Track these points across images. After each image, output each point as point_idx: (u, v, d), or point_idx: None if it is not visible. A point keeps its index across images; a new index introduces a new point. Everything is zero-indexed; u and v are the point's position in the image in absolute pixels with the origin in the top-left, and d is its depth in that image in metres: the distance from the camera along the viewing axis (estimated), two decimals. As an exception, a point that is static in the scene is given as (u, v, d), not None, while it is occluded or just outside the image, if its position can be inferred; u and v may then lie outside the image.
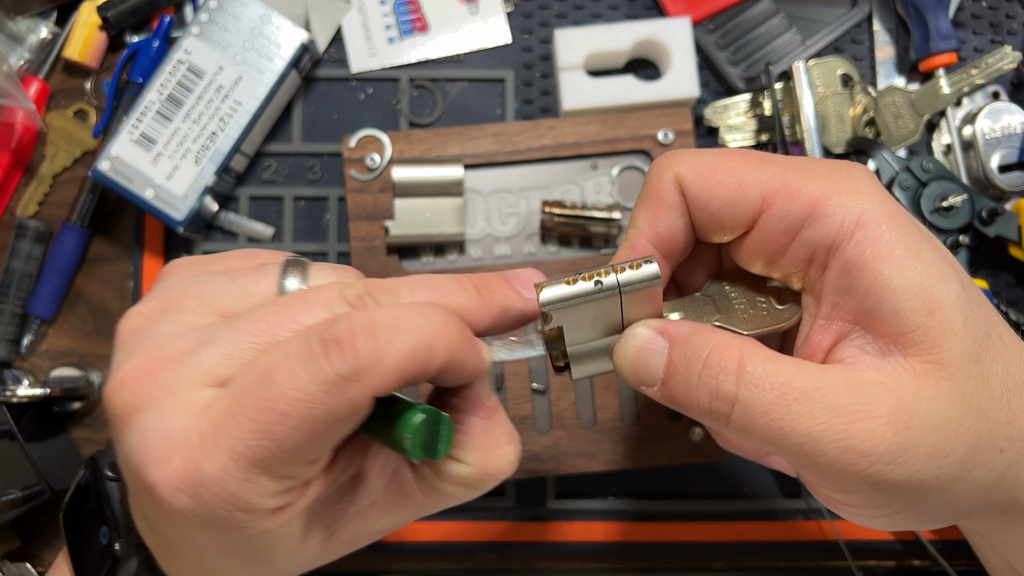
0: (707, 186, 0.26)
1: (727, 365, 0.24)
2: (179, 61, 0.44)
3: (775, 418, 0.23)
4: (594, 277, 0.25)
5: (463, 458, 0.27)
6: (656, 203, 0.27)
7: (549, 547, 0.46)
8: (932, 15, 0.47)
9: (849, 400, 0.23)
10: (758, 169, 0.26)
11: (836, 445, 0.23)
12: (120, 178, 0.44)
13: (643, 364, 0.26)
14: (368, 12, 0.49)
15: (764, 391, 0.23)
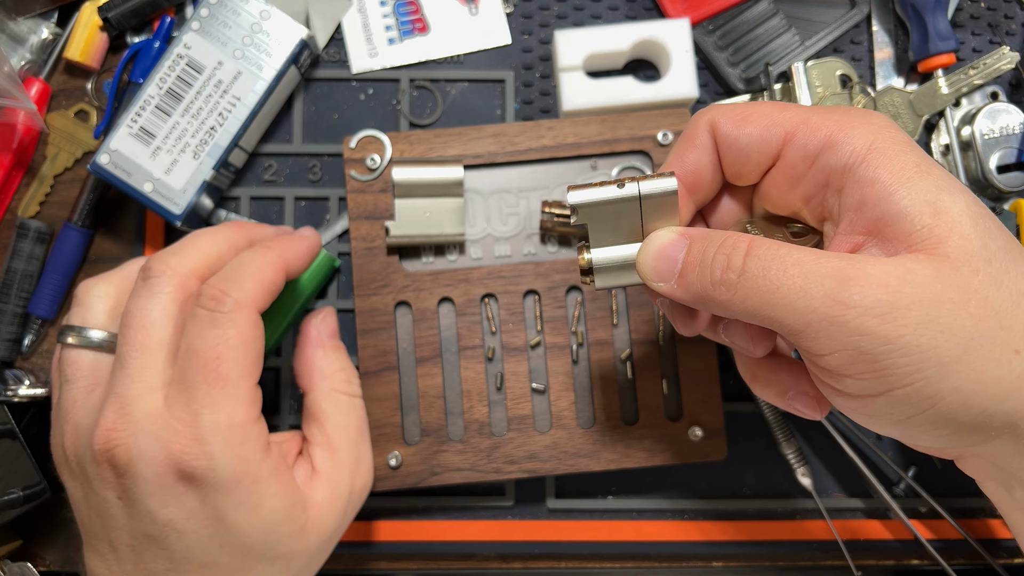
0: (738, 125, 0.30)
1: (739, 245, 0.27)
2: (178, 56, 0.44)
3: (773, 280, 0.25)
4: (618, 181, 0.29)
5: None
6: (686, 142, 0.31)
7: (549, 546, 0.46)
8: (931, 16, 0.47)
9: (843, 265, 0.25)
10: (783, 110, 0.29)
11: (825, 298, 0.24)
12: (119, 172, 0.44)
13: (664, 259, 0.29)
14: (368, 13, 0.49)
15: (767, 260, 0.26)
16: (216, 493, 0.32)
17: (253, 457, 0.33)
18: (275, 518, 0.33)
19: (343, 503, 0.37)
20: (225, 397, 0.32)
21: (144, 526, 0.32)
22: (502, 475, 0.43)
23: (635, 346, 0.44)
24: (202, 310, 0.33)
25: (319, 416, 0.38)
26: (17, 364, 0.48)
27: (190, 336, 0.33)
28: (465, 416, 0.44)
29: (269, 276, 0.35)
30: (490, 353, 0.44)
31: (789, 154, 0.29)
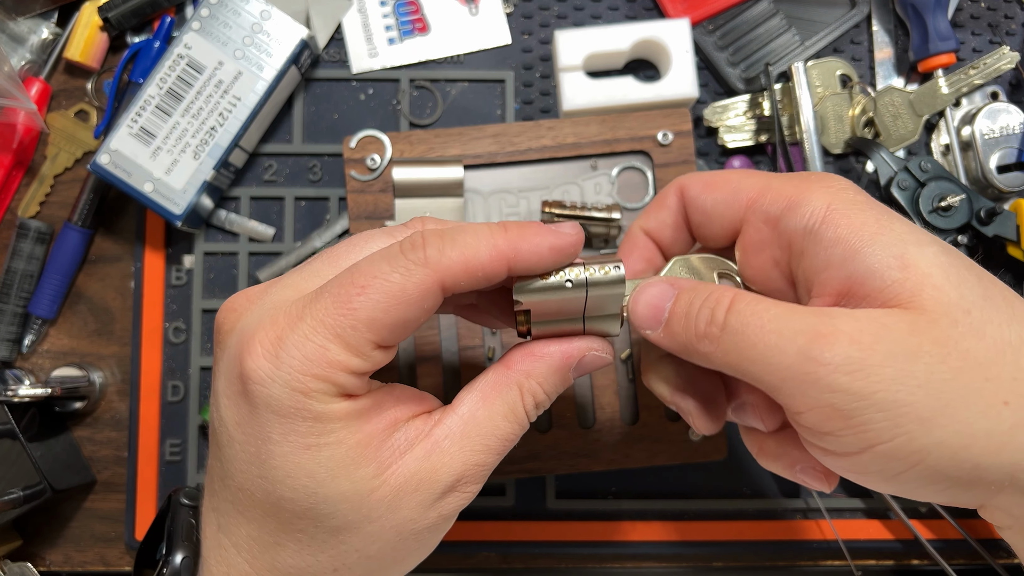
0: (704, 190, 0.32)
1: (723, 300, 0.27)
2: (179, 56, 0.44)
3: (750, 336, 0.26)
4: (566, 277, 0.28)
5: None
6: (656, 203, 0.34)
7: (549, 546, 0.46)
8: (931, 16, 0.47)
9: (816, 321, 0.25)
10: (748, 177, 0.31)
11: (798, 356, 0.25)
12: (119, 172, 0.44)
13: (652, 308, 0.30)
14: (369, 13, 0.49)
15: (746, 316, 0.26)
16: (267, 411, 0.27)
17: (322, 397, 0.26)
18: (329, 469, 0.27)
19: (433, 493, 0.28)
20: (335, 325, 0.26)
21: (214, 408, 0.29)
22: (502, 475, 0.43)
23: (635, 346, 0.44)
24: (395, 245, 0.27)
25: (485, 391, 0.29)
26: (17, 364, 0.48)
27: (360, 259, 0.28)
28: (465, 416, 0.44)
29: (482, 257, 0.27)
30: (490, 353, 0.44)
31: (752, 219, 0.30)
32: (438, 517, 0.29)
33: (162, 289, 0.47)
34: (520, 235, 0.28)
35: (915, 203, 0.45)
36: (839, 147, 0.48)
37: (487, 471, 0.29)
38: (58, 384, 0.45)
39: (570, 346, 0.30)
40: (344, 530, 0.27)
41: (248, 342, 0.27)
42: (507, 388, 0.29)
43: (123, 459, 0.47)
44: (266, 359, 0.26)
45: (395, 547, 0.28)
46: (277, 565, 0.28)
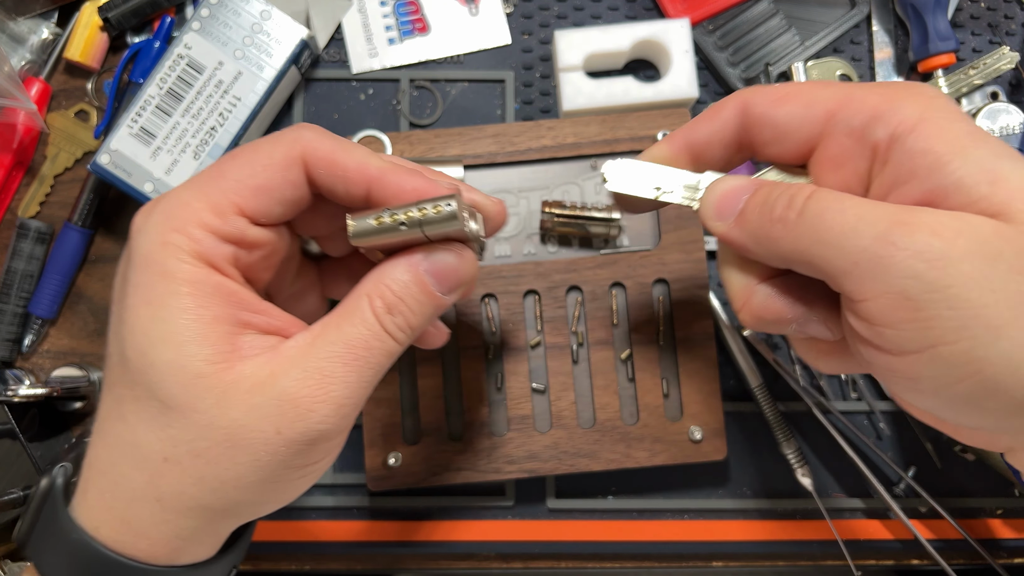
0: (776, 103, 0.29)
1: (804, 189, 0.27)
2: (179, 56, 0.44)
3: (828, 219, 0.25)
4: (399, 219, 0.27)
5: None
6: (708, 117, 0.30)
7: (549, 546, 0.46)
8: (931, 16, 0.47)
9: (900, 211, 0.25)
10: (825, 88, 0.28)
11: (875, 239, 0.24)
12: (119, 172, 0.44)
13: (728, 199, 0.29)
14: (369, 13, 0.49)
15: (827, 202, 0.26)
16: (131, 260, 0.27)
17: (177, 252, 0.26)
18: (162, 332, 0.25)
19: (266, 400, 0.26)
20: (206, 182, 0.27)
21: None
22: (502, 475, 0.43)
23: (635, 346, 0.44)
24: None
25: (334, 311, 0.28)
26: (17, 364, 0.48)
27: None
28: (465, 416, 0.44)
29: (350, 161, 0.28)
30: (490, 353, 0.44)
31: (833, 132, 0.28)
32: (276, 434, 0.26)
33: (162, 289, 0.47)
34: (394, 170, 0.28)
35: (915, 203, 0.46)
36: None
37: (334, 386, 0.26)
38: (58, 384, 0.45)
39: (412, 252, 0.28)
40: (172, 410, 0.26)
41: (143, 211, 0.28)
42: (354, 299, 0.28)
43: (123, 459, 0.48)
44: (143, 214, 0.27)
45: (227, 456, 0.26)
46: (119, 439, 0.27)
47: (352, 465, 0.46)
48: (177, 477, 0.26)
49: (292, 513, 0.46)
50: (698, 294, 0.44)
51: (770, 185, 0.28)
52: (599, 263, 0.45)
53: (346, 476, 0.46)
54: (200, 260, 0.26)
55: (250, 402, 0.26)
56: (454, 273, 0.28)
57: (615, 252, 0.45)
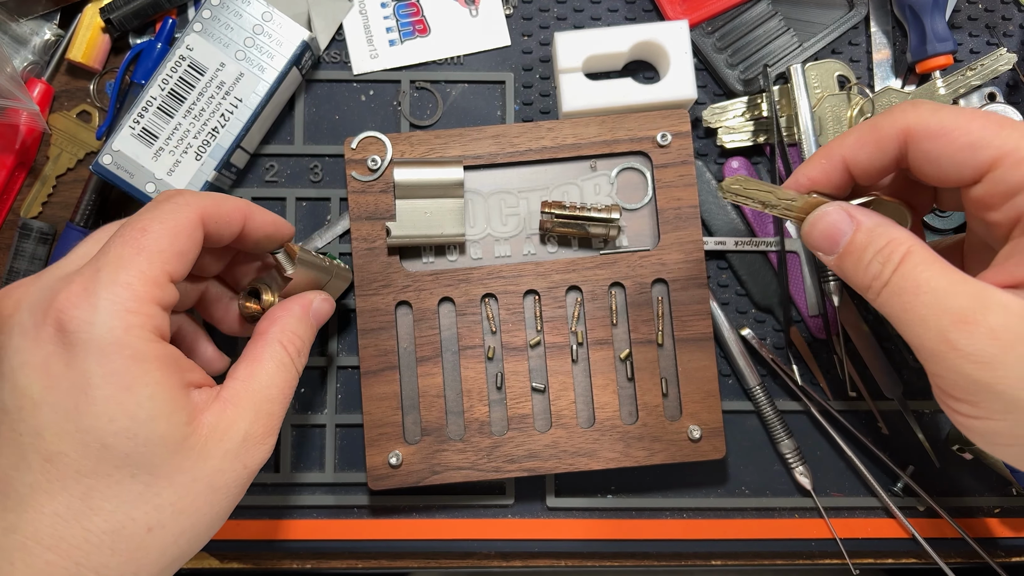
0: (940, 143, 0.28)
1: (895, 255, 0.28)
2: (181, 57, 0.45)
3: (906, 301, 0.27)
4: (324, 264, 0.41)
5: None
6: (871, 138, 0.30)
7: (549, 544, 0.46)
8: (929, 17, 0.47)
9: (965, 305, 0.26)
10: (996, 132, 0.27)
11: (938, 334, 0.26)
12: (121, 172, 0.44)
13: (830, 237, 0.31)
14: (369, 15, 0.49)
15: (908, 282, 0.27)
16: (87, 355, 0.27)
17: (140, 331, 0.28)
18: (148, 409, 0.28)
19: (234, 442, 0.31)
20: (133, 261, 0.29)
21: (1, 397, 0.29)
22: (502, 474, 0.43)
23: (634, 346, 0.44)
24: (151, 201, 0.33)
25: (252, 357, 0.34)
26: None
27: (128, 217, 0.32)
28: (465, 415, 0.44)
29: (228, 205, 0.34)
30: (490, 353, 0.45)
31: (989, 184, 0.27)
32: (244, 469, 0.31)
33: (164, 289, 0.47)
34: (253, 205, 0.36)
35: (912, 204, 0.46)
36: (837, 148, 0.48)
37: (276, 419, 0.33)
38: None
39: (304, 299, 0.37)
40: (160, 478, 0.29)
41: (55, 299, 0.28)
42: (270, 345, 0.34)
43: (125, 458, 0.48)
44: (85, 305, 0.28)
45: (208, 501, 0.30)
46: (89, 535, 0.28)
47: (353, 464, 0.46)
48: (160, 542, 0.29)
49: (293, 512, 0.46)
50: (697, 294, 0.45)
51: (867, 233, 0.29)
52: (598, 263, 0.45)
53: (347, 475, 0.46)
54: (157, 335, 0.30)
55: (222, 449, 0.31)
56: (327, 315, 0.39)
57: (614, 252, 0.45)
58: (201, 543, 0.31)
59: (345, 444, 0.47)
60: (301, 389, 0.47)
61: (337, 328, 0.47)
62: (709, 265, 0.48)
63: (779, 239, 0.46)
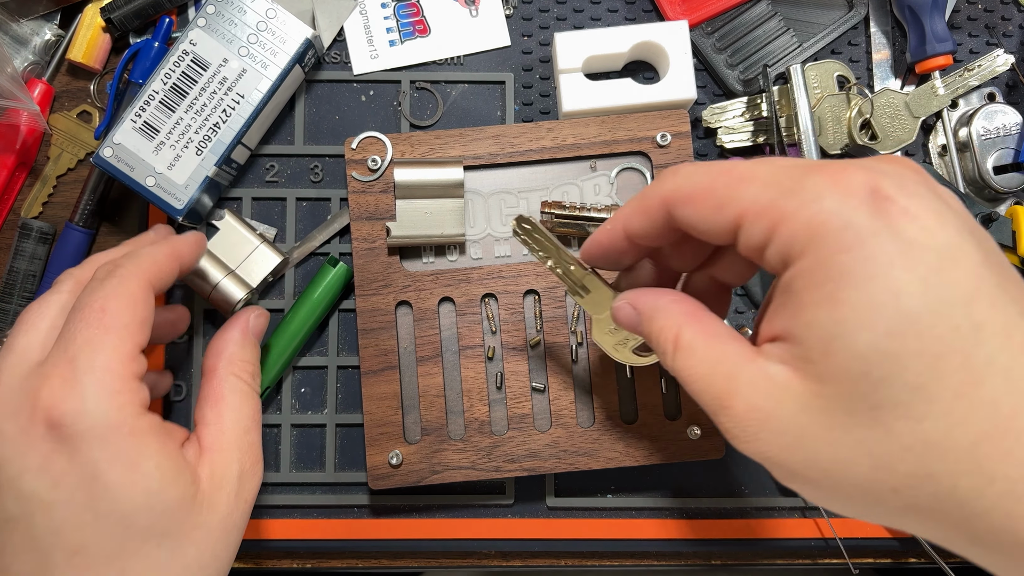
0: (693, 208, 0.28)
1: (668, 347, 0.29)
2: (184, 52, 0.45)
3: (685, 380, 0.29)
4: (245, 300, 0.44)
5: None
6: (641, 206, 0.31)
7: (548, 544, 0.46)
8: (928, 18, 0.47)
9: (722, 389, 0.27)
10: (735, 189, 0.27)
11: (712, 415, 0.28)
12: (121, 165, 0.44)
13: (629, 326, 0.33)
14: (370, 15, 0.49)
15: (680, 371, 0.29)
16: (89, 444, 0.28)
17: (131, 408, 0.30)
18: (158, 479, 0.30)
19: (232, 484, 0.33)
20: (105, 342, 0.30)
21: (4, 507, 0.28)
22: (502, 473, 0.43)
23: (634, 346, 0.44)
24: (94, 280, 0.33)
25: (214, 397, 0.36)
26: (20, 363, 0.48)
27: (78, 298, 0.32)
28: (465, 415, 0.44)
29: (162, 257, 0.36)
30: (490, 352, 0.45)
31: (740, 241, 0.27)
32: (245, 503, 0.34)
33: (164, 289, 0.47)
34: (177, 240, 0.38)
35: (912, 204, 0.46)
36: (837, 148, 0.49)
37: (258, 446, 0.36)
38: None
39: (239, 321, 0.39)
40: (182, 539, 0.31)
41: (38, 398, 0.28)
42: (226, 380, 0.36)
43: (125, 458, 0.48)
44: (72, 396, 0.28)
45: (224, 545, 0.33)
46: None
47: (353, 464, 0.47)
48: None
49: (294, 512, 0.46)
50: (697, 294, 0.45)
51: (647, 323, 0.31)
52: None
53: (347, 475, 0.46)
54: (143, 407, 0.31)
55: (225, 494, 0.33)
56: (264, 327, 0.41)
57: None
58: None
59: (345, 444, 0.47)
60: (301, 389, 0.47)
61: (338, 328, 0.47)
62: (709, 265, 0.48)
63: (779, 239, 0.46)
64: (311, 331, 0.46)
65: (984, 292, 0.23)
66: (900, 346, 0.23)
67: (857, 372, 0.23)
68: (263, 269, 0.45)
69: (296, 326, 0.45)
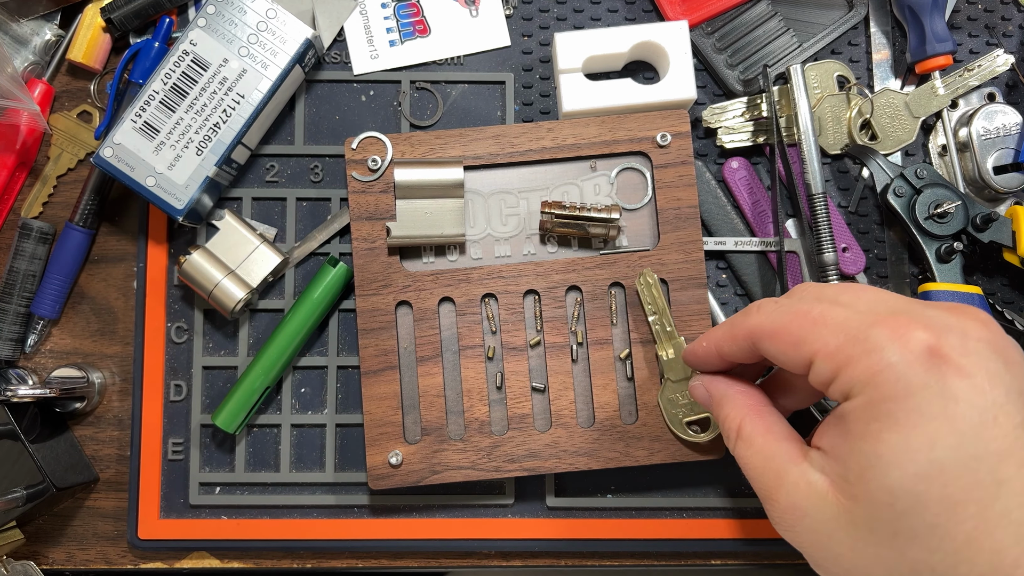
0: (774, 343, 0.32)
1: (731, 434, 0.35)
2: (184, 52, 0.45)
3: (743, 465, 0.34)
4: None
5: None
6: (731, 335, 0.35)
7: (548, 544, 0.46)
8: (928, 18, 0.47)
9: (770, 484, 0.32)
10: (811, 331, 0.30)
11: (761, 500, 0.33)
12: (122, 165, 0.44)
13: (702, 402, 0.38)
14: (370, 15, 0.49)
15: (739, 457, 0.34)
16: None
17: None
18: None
19: None
20: None
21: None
22: (502, 473, 0.43)
23: (634, 345, 0.44)
24: None
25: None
26: (20, 364, 0.48)
27: None
28: (465, 415, 0.44)
29: None
30: (490, 352, 0.45)
31: (812, 373, 0.31)
32: None
33: (164, 289, 0.47)
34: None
35: (911, 210, 0.46)
36: (837, 148, 0.49)
37: None
38: (56, 385, 0.45)
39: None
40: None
41: None
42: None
43: (126, 458, 0.48)
44: None
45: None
46: None
47: (353, 464, 0.47)
48: None
49: (294, 512, 0.46)
50: (697, 294, 0.45)
51: (716, 408, 0.36)
52: (598, 263, 0.45)
53: (347, 475, 0.46)
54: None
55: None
56: None
57: (614, 252, 0.45)
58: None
59: (345, 444, 0.47)
60: (301, 389, 0.47)
61: (338, 328, 0.47)
62: (709, 265, 0.48)
63: (779, 239, 0.46)
64: (311, 331, 0.46)
65: (1015, 452, 0.26)
66: (925, 489, 0.26)
67: (884, 502, 0.27)
68: (263, 269, 0.45)
69: (296, 326, 0.45)
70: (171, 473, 0.46)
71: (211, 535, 0.46)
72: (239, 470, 0.46)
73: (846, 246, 0.48)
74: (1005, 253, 0.46)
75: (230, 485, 0.46)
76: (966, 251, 0.47)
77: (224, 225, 0.46)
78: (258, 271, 0.45)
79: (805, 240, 0.47)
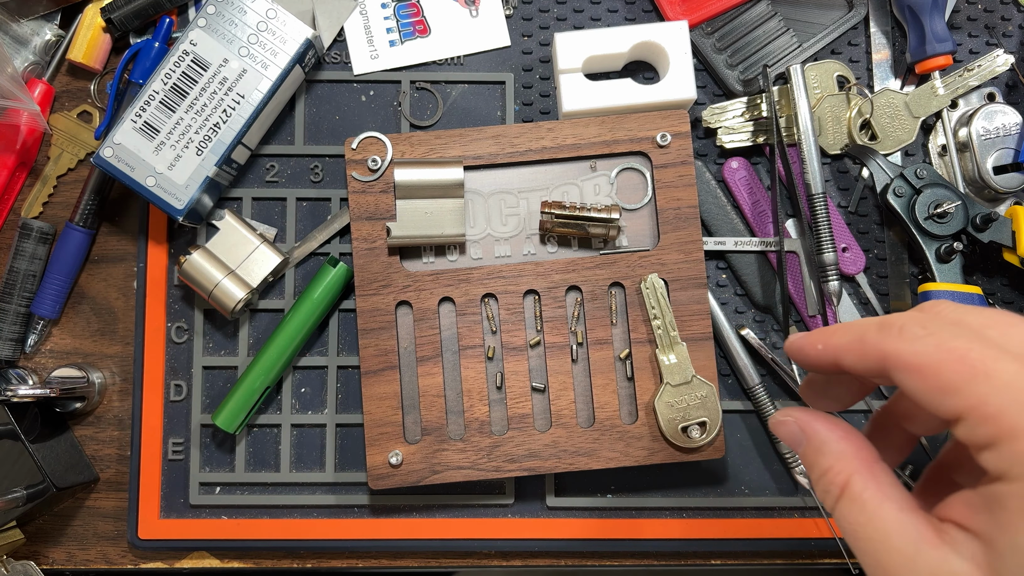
0: (913, 378, 0.27)
1: (833, 489, 0.29)
2: (184, 52, 0.45)
3: (847, 531, 0.28)
4: None
5: None
6: (860, 349, 0.29)
7: (548, 544, 0.46)
8: (928, 18, 0.47)
9: (901, 566, 0.26)
10: (967, 380, 0.25)
11: (871, 571, 0.28)
12: (122, 165, 0.44)
13: (790, 442, 0.32)
14: (370, 15, 0.49)
15: (847, 516, 0.28)
16: None
17: None
18: None
19: None
20: None
21: None
22: (502, 473, 0.43)
23: (633, 345, 0.44)
24: None
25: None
26: (21, 363, 0.48)
27: None
28: (465, 415, 0.44)
29: None
30: (490, 352, 0.45)
31: (956, 430, 0.26)
32: None
33: (165, 289, 0.47)
34: None
35: (911, 210, 0.46)
36: (837, 148, 0.49)
37: None
38: (56, 385, 0.45)
39: None
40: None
41: None
42: None
43: (126, 458, 0.48)
44: None
45: None
46: None
47: (353, 464, 0.47)
48: None
49: (294, 512, 0.46)
50: (697, 294, 0.45)
51: (811, 455, 0.30)
52: (598, 263, 0.45)
53: (347, 475, 0.46)
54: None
55: None
56: None
57: (614, 252, 0.45)
58: None
59: (345, 444, 0.47)
60: (301, 389, 0.47)
61: (338, 328, 0.47)
62: (709, 265, 0.48)
63: (779, 239, 0.46)
64: (311, 331, 0.46)
65: None
66: None
67: None
68: (263, 269, 0.45)
69: (296, 326, 0.45)
70: (171, 473, 0.46)
71: (211, 535, 0.46)
72: (239, 470, 0.46)
73: (846, 246, 0.48)
74: (1005, 253, 0.46)
75: (230, 485, 0.46)
76: (966, 251, 0.47)
77: (224, 225, 0.46)
78: (258, 271, 0.45)
79: (805, 240, 0.47)
